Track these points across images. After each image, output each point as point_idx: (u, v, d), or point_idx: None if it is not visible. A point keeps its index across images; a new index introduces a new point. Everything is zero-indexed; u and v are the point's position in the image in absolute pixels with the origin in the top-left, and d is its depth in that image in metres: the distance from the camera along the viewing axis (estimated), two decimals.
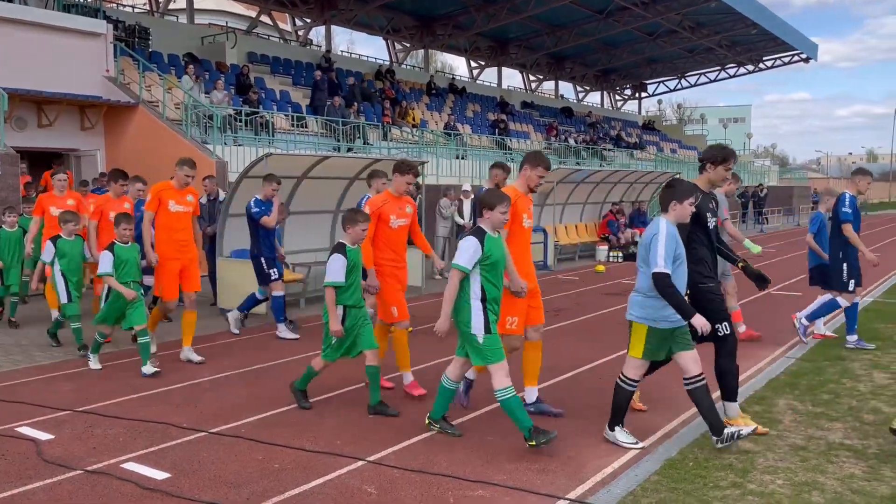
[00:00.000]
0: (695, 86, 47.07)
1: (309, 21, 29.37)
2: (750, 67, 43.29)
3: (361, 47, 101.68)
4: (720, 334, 5.31)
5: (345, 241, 5.93)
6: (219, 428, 5.60)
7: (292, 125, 19.21)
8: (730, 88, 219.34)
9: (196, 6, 27.17)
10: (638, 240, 19.56)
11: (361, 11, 28.42)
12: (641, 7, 30.05)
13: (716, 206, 5.71)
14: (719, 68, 44.00)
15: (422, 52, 35.15)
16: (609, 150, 33.30)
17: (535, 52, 36.77)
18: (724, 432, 4.98)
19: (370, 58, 31.70)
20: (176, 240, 7.68)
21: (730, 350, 5.36)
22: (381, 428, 5.61)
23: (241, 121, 17.23)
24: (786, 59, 41.90)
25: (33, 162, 14.81)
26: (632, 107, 49.19)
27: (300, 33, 30.70)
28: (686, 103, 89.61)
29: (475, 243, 5.09)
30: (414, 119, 24.29)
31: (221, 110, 16.75)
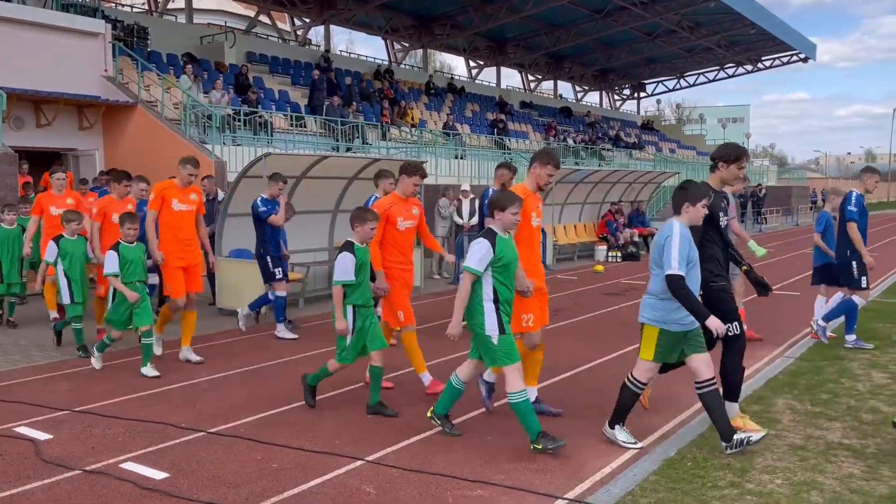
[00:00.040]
0: (693, 86, 47.21)
1: (308, 21, 29.38)
2: (748, 67, 43.36)
3: (360, 47, 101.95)
4: (730, 334, 5.29)
5: (353, 240, 5.85)
6: (217, 428, 5.59)
7: (291, 125, 19.21)
8: (728, 88, 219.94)
9: (195, 6, 27.19)
10: (637, 240, 19.60)
11: (360, 11, 28.43)
12: (640, 7, 30.09)
13: (727, 204, 5.68)
14: (718, 68, 44.05)
15: (420, 51, 35.16)
16: (608, 149, 33.31)
17: (533, 52, 36.80)
18: (734, 438, 4.92)
19: (369, 57, 31.73)
20: (181, 239, 7.63)
21: (738, 349, 5.35)
22: (380, 428, 5.60)
23: (239, 120, 17.22)
24: (784, 59, 41.97)
25: (33, 163, 14.77)
26: (630, 107, 49.26)
27: (299, 33, 30.72)
28: (685, 103, 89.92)
29: (487, 245, 5.03)
30: (413, 119, 24.27)
31: (220, 110, 16.74)
